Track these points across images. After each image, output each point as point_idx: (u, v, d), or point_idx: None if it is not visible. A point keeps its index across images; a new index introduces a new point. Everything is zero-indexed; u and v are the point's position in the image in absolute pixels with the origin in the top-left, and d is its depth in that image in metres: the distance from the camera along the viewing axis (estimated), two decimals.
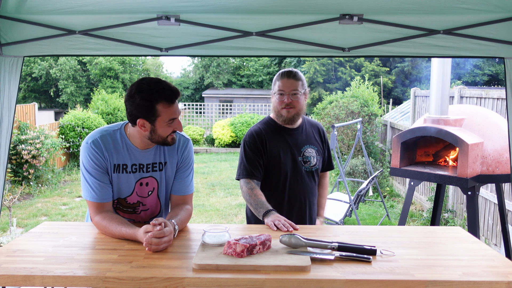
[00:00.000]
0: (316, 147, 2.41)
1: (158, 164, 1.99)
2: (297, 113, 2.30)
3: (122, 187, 1.94)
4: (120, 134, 1.93)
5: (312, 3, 2.30)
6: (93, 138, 1.89)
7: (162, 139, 1.88)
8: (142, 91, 1.78)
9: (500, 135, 3.50)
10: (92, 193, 1.87)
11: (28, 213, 6.59)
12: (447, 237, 1.91)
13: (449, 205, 5.89)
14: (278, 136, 2.35)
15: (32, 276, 1.46)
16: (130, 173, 1.93)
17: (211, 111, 18.47)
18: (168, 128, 1.85)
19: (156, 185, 2.01)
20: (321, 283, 1.45)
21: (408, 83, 20.31)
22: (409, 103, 9.53)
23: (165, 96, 1.79)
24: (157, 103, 1.78)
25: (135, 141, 1.92)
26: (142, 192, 1.98)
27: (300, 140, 2.37)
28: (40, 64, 22.57)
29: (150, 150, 1.96)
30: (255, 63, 26.54)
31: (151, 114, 1.80)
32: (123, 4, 2.33)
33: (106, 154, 1.88)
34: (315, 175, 2.42)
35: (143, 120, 1.81)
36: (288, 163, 2.33)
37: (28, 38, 2.51)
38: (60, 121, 10.21)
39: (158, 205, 2.06)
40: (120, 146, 1.91)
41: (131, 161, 1.93)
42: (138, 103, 1.78)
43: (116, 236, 1.81)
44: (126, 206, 2.00)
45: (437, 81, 3.92)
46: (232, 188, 8.44)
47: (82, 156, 1.89)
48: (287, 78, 2.26)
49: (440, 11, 2.33)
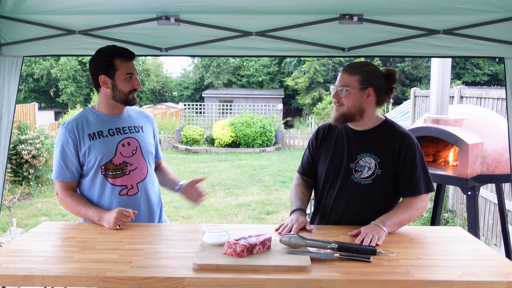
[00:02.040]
0: (380, 159, 1.99)
1: (134, 127, 2.19)
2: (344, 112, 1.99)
3: (103, 151, 2.07)
4: (89, 110, 2.16)
5: (312, 3, 2.30)
6: (66, 121, 2.11)
7: (124, 96, 2.07)
8: (101, 51, 2.07)
9: (500, 135, 3.50)
10: (57, 173, 2.08)
11: (28, 213, 6.59)
12: (447, 237, 1.90)
13: (449, 205, 5.89)
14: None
15: (32, 276, 1.46)
16: (108, 136, 2.10)
17: (211, 111, 18.47)
18: (127, 83, 2.06)
19: (138, 145, 2.16)
20: (321, 283, 1.44)
21: (408, 83, 20.31)
22: (409, 103, 9.53)
23: (120, 52, 2.06)
24: (114, 59, 2.04)
25: (103, 108, 2.14)
26: (126, 152, 2.12)
27: (360, 145, 2.03)
28: (42, 64, 22.58)
29: (122, 116, 2.17)
30: (255, 63, 26.55)
31: (110, 69, 2.04)
32: (123, 4, 2.33)
33: (77, 132, 2.06)
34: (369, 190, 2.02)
35: (104, 76, 2.04)
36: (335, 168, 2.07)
37: (27, 38, 2.51)
38: (60, 121, 10.22)
39: (144, 164, 2.18)
40: (92, 118, 2.12)
41: (106, 127, 2.11)
42: (98, 61, 2.06)
43: (77, 212, 2.06)
44: (114, 169, 2.09)
45: (437, 81, 3.92)
46: (232, 188, 8.44)
47: (56, 140, 2.11)
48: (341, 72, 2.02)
49: (440, 11, 2.33)
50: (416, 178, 1.98)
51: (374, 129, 2.03)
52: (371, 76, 1.95)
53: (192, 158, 12.70)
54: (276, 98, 23.59)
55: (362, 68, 1.95)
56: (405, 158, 1.98)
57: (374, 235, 1.79)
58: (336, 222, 2.07)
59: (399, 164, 1.98)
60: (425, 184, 1.99)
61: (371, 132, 2.03)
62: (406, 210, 1.95)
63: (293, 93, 24.36)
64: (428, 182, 2.01)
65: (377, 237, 1.78)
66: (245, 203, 7.34)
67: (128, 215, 1.96)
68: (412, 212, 1.96)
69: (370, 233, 1.80)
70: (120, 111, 2.16)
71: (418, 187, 1.97)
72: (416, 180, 1.98)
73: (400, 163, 1.98)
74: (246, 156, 13.18)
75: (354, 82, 1.94)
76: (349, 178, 2.01)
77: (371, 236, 1.79)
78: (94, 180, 2.09)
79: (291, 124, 21.26)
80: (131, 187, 2.12)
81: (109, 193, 2.09)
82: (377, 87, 1.96)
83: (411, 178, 1.98)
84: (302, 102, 21.32)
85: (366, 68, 1.96)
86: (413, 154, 1.99)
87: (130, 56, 2.08)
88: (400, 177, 2.00)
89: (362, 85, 1.94)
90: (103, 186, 2.09)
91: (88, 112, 2.14)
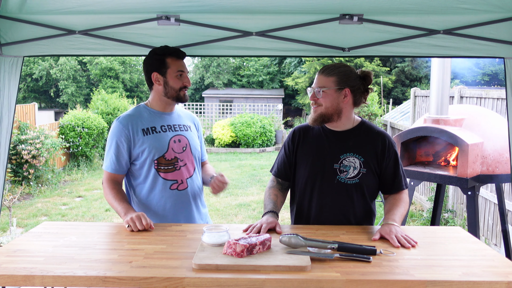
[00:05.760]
0: (364, 158, 2.03)
1: (183, 126, 2.30)
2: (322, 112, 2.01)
3: (157, 146, 2.17)
4: (143, 106, 2.26)
5: (312, 3, 2.30)
6: (121, 116, 2.22)
7: (175, 92, 2.19)
8: (154, 51, 2.22)
9: (500, 135, 3.50)
10: (106, 164, 2.18)
11: (28, 213, 6.59)
12: (447, 237, 1.91)
13: (449, 205, 5.89)
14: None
15: (32, 276, 1.46)
16: (160, 132, 2.20)
17: (211, 111, 18.47)
18: (177, 81, 2.18)
19: (188, 143, 2.27)
20: (321, 283, 1.45)
21: (408, 83, 20.31)
22: (409, 103, 9.53)
23: (173, 51, 2.20)
24: (166, 57, 2.17)
25: (156, 105, 2.25)
26: (177, 148, 2.23)
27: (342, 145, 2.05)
28: (41, 65, 22.57)
29: (173, 114, 2.29)
30: (255, 63, 26.53)
31: (162, 66, 2.16)
32: (123, 4, 2.33)
33: (131, 126, 2.16)
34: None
35: (156, 74, 2.17)
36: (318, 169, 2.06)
37: (28, 38, 2.51)
38: (60, 121, 10.21)
39: (193, 161, 2.29)
40: (146, 114, 2.23)
41: (158, 123, 2.22)
42: (151, 60, 2.20)
43: (111, 204, 2.12)
44: (166, 164, 2.19)
45: (437, 81, 3.92)
46: (232, 188, 8.44)
47: (109, 132, 2.21)
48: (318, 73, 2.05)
49: (440, 11, 2.33)
50: (399, 175, 2.09)
51: (353, 129, 2.07)
52: (347, 77, 1.99)
53: None
54: (276, 98, 23.57)
55: (338, 70, 1.99)
56: (388, 156, 2.06)
57: (402, 234, 1.83)
58: (321, 222, 2.07)
59: (384, 162, 2.05)
60: (404, 181, 2.12)
61: (351, 132, 2.07)
62: (402, 205, 2.04)
63: (293, 93, 24.34)
64: (405, 179, 2.15)
65: (405, 235, 1.82)
66: (245, 203, 7.34)
67: (144, 223, 1.95)
68: (406, 206, 2.07)
69: (398, 234, 1.82)
70: (171, 109, 2.28)
71: (401, 184, 2.09)
72: (399, 177, 2.09)
73: (385, 161, 2.05)
74: (246, 156, 13.18)
75: (331, 83, 1.98)
76: (334, 179, 2.03)
77: (399, 236, 1.81)
78: (147, 174, 2.18)
79: (291, 124, 21.26)
80: (181, 182, 2.22)
81: (160, 187, 2.18)
82: (353, 87, 2.00)
83: (395, 175, 2.08)
84: (302, 102, 21.30)
85: (342, 69, 2.00)
86: (394, 152, 2.08)
87: (181, 55, 2.21)
88: (384, 175, 2.07)
89: (338, 86, 1.98)
90: (155, 180, 2.18)
91: (142, 108, 2.25)
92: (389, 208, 2.03)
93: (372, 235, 1.89)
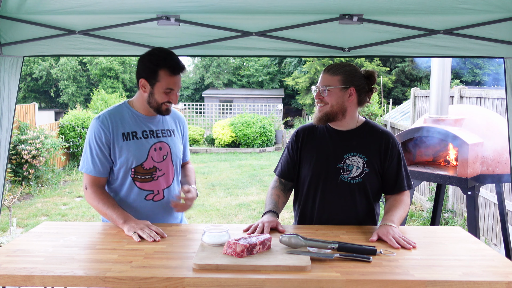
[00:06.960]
0: (367, 158, 2.02)
1: (167, 131, 2.16)
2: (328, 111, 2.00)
3: (136, 154, 2.04)
4: (125, 106, 2.10)
5: (312, 3, 2.30)
6: (101, 114, 2.06)
7: (157, 105, 2.02)
8: (151, 54, 1.99)
9: (500, 135, 3.50)
10: (89, 167, 2.03)
11: (28, 213, 6.59)
12: (447, 237, 1.91)
13: (449, 205, 5.89)
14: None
15: (32, 276, 1.46)
16: (141, 138, 2.06)
17: (211, 111, 18.47)
18: (164, 96, 1.99)
19: (169, 150, 2.14)
20: (321, 283, 1.45)
21: (408, 83, 20.30)
22: (409, 103, 9.53)
23: (169, 65, 1.95)
24: (160, 69, 1.95)
25: (139, 107, 2.08)
26: (157, 157, 2.10)
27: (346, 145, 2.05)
28: (41, 65, 22.58)
29: (156, 118, 2.13)
30: (255, 63, 26.53)
31: (152, 77, 1.96)
32: (123, 4, 2.33)
33: (112, 128, 2.02)
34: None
35: (144, 81, 1.98)
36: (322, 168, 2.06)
37: (28, 38, 2.51)
38: (60, 121, 10.21)
39: (172, 170, 2.16)
40: (127, 116, 2.07)
41: (140, 128, 2.07)
42: (145, 64, 1.98)
43: (102, 211, 1.99)
44: (143, 173, 2.07)
45: (437, 81, 3.92)
46: (232, 188, 8.44)
47: (88, 132, 2.05)
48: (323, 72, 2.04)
49: (440, 11, 2.33)
50: (401, 175, 2.07)
51: (357, 129, 2.07)
52: (352, 76, 1.99)
53: (192, 158, 12.66)
54: (276, 98, 23.58)
55: (344, 69, 1.99)
56: (391, 156, 2.05)
57: (400, 235, 1.82)
58: (324, 222, 2.07)
59: (386, 162, 2.05)
60: (407, 181, 2.09)
61: (355, 132, 2.06)
62: (402, 207, 2.02)
63: (293, 93, 24.33)
64: (409, 179, 2.11)
65: (403, 236, 1.82)
66: (245, 203, 7.34)
67: (155, 235, 1.84)
68: (406, 208, 2.04)
69: (396, 235, 1.81)
70: (155, 113, 2.11)
71: (403, 184, 2.07)
72: (401, 177, 2.07)
73: (388, 161, 2.05)
74: (246, 156, 13.18)
75: (336, 82, 1.98)
76: (338, 178, 2.02)
77: (397, 237, 1.80)
78: (123, 182, 2.07)
79: (291, 124, 21.26)
80: (157, 192, 2.11)
81: (134, 196, 2.08)
82: (358, 87, 2.00)
83: (397, 175, 2.06)
84: (302, 102, 21.29)
85: (347, 68, 2.00)
86: (398, 152, 2.07)
87: (177, 70, 1.97)
88: (386, 175, 2.07)
89: (344, 85, 1.97)
90: (130, 188, 2.07)
91: (124, 108, 2.09)
92: (388, 209, 2.03)
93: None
